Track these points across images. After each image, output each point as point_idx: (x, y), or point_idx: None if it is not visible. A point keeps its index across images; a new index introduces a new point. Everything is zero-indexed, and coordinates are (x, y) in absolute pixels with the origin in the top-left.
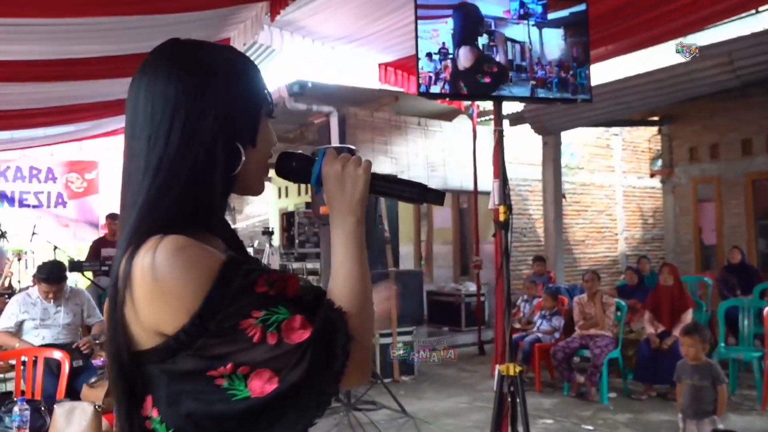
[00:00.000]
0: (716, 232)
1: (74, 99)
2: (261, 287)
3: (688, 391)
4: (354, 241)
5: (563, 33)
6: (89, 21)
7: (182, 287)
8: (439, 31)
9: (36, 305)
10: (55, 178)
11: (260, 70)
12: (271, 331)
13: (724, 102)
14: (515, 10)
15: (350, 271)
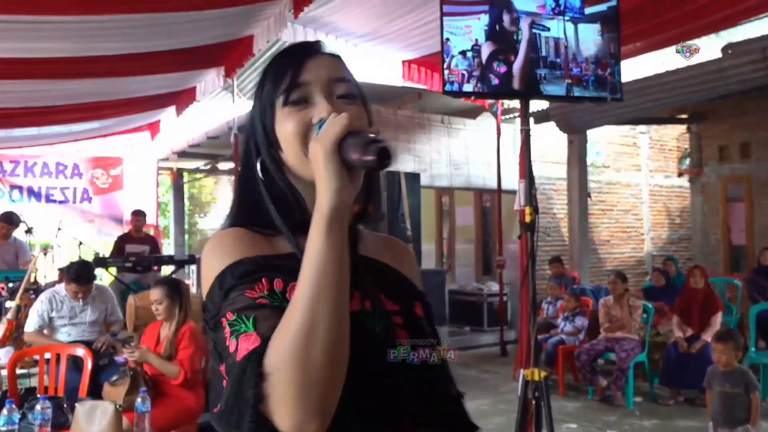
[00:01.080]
0: (746, 233)
1: (100, 96)
2: (251, 292)
3: (719, 399)
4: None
5: (600, 28)
6: (115, 18)
7: (204, 271)
8: (472, 27)
9: (64, 303)
10: (81, 174)
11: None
12: (232, 338)
13: (756, 100)
14: (550, 5)
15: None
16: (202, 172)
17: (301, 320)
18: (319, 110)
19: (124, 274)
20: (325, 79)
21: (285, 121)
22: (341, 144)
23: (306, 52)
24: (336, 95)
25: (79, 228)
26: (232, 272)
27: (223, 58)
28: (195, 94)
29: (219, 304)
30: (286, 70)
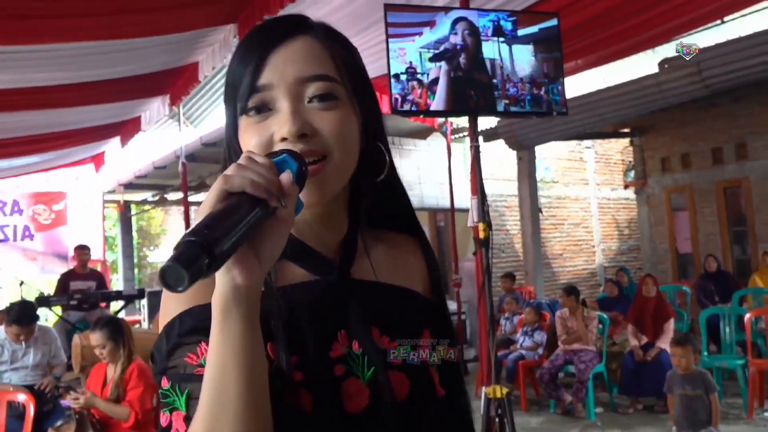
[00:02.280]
0: (691, 241)
1: (40, 128)
2: (191, 356)
3: (680, 402)
4: (211, 346)
5: (533, 49)
6: (53, 48)
7: (161, 307)
8: (405, 49)
9: (4, 347)
10: (21, 211)
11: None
12: (164, 411)
13: (693, 112)
14: (484, 27)
15: (201, 397)
16: (150, 203)
17: (201, 428)
18: (281, 120)
19: (69, 312)
20: (292, 78)
21: (245, 135)
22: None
23: (275, 37)
24: (307, 98)
25: (21, 267)
26: (180, 324)
27: (168, 85)
28: (140, 124)
29: (163, 360)
30: (245, 68)
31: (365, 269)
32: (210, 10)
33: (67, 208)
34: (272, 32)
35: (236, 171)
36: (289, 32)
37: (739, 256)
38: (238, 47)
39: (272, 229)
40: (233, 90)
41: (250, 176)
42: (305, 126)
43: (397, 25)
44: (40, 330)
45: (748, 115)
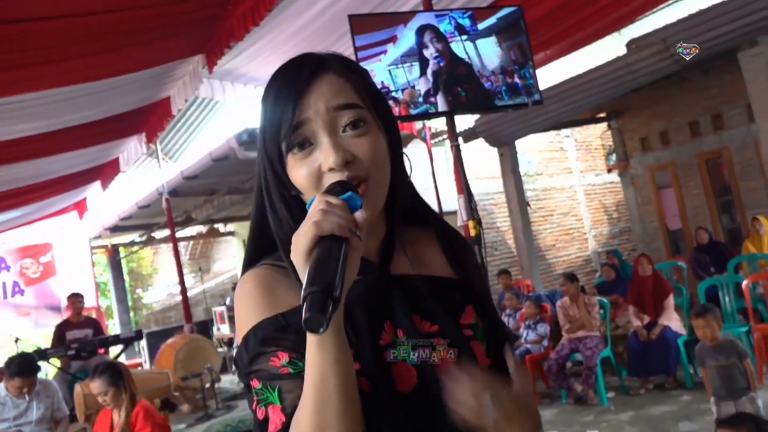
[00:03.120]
0: (680, 216)
1: (19, 182)
2: (274, 360)
3: (716, 374)
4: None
5: (496, 40)
6: (22, 98)
7: (236, 321)
8: (374, 71)
9: (6, 404)
10: (9, 267)
11: (277, 94)
12: (260, 407)
13: (666, 89)
14: (446, 30)
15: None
16: (138, 244)
17: (311, 425)
18: (324, 153)
19: (69, 363)
20: (324, 110)
21: (295, 170)
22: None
23: (305, 77)
24: (341, 127)
25: (14, 324)
26: (255, 335)
27: (142, 123)
28: (119, 165)
29: (247, 367)
30: (283, 109)
31: (403, 265)
32: (176, 43)
33: (54, 259)
34: (298, 75)
35: (323, 217)
36: (313, 72)
37: (728, 225)
38: (267, 93)
39: (351, 260)
40: (275, 130)
41: (336, 221)
42: (346, 155)
43: (365, 48)
44: (41, 383)
45: (719, 86)
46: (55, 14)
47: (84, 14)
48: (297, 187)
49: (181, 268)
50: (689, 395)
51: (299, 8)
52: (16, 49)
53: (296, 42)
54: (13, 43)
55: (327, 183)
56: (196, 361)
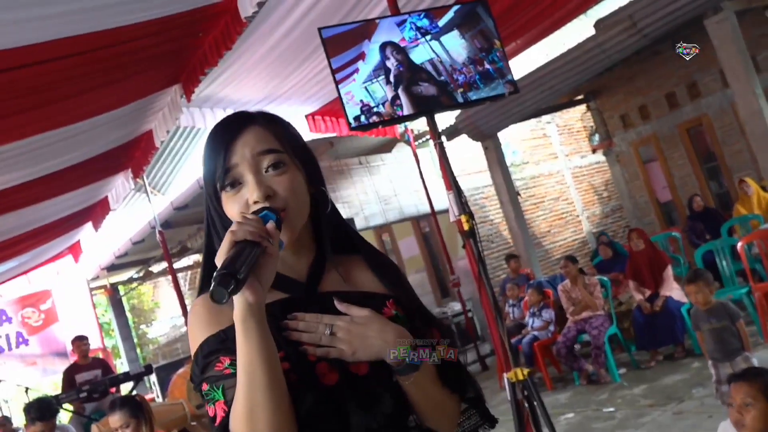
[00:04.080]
0: (669, 187)
1: (9, 233)
2: (218, 365)
3: (710, 337)
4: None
5: (458, 33)
6: (4, 149)
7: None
8: (351, 92)
9: None
10: (10, 319)
11: (210, 146)
12: (209, 406)
13: (639, 64)
14: (410, 36)
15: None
16: (136, 280)
17: (243, 404)
18: (250, 189)
19: (83, 406)
20: (249, 156)
21: (228, 205)
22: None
23: (233, 131)
24: (264, 168)
25: (22, 374)
26: (201, 350)
27: (127, 159)
28: (108, 204)
29: (198, 377)
30: (217, 156)
31: (336, 283)
32: (152, 76)
33: (55, 305)
34: (228, 129)
35: (238, 227)
36: (241, 126)
37: (717, 190)
38: (206, 145)
39: (266, 262)
40: (212, 174)
41: (248, 228)
42: (268, 190)
43: (341, 69)
44: (58, 429)
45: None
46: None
47: (54, 59)
48: (232, 219)
49: (182, 299)
50: (699, 362)
51: (269, 27)
52: None
53: (270, 61)
54: None
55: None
56: None
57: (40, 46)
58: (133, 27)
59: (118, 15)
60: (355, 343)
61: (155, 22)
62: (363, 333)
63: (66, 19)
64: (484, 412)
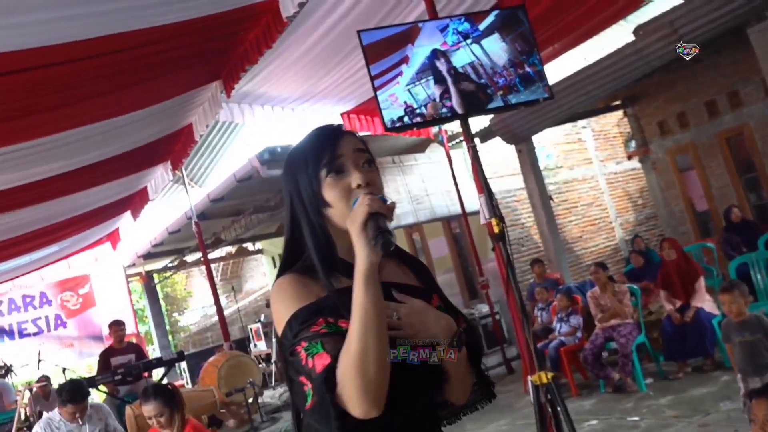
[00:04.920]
0: (706, 197)
1: (53, 218)
2: (315, 327)
3: (741, 349)
4: (356, 300)
5: (499, 36)
6: (53, 139)
7: (275, 314)
8: (395, 94)
9: (60, 428)
10: (50, 301)
11: (318, 138)
12: (309, 359)
13: (679, 71)
14: (452, 41)
15: (350, 331)
16: (171, 269)
17: (357, 346)
18: (354, 178)
19: (117, 388)
20: (352, 151)
21: (331, 188)
22: (365, 223)
23: (337, 133)
24: (361, 164)
25: (60, 355)
26: (296, 319)
27: (167, 151)
28: (147, 194)
29: (292, 341)
30: (326, 148)
31: (385, 275)
32: (194, 72)
33: (93, 290)
34: (332, 131)
35: (371, 201)
36: (341, 131)
37: (755, 202)
38: (309, 139)
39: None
40: (317, 161)
41: (378, 205)
42: (368, 178)
43: (380, 75)
44: (92, 407)
45: (732, 63)
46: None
47: (101, 54)
48: (329, 201)
49: (215, 289)
50: (728, 375)
51: (309, 27)
52: (36, 94)
53: (308, 60)
54: (33, 90)
55: (353, 197)
56: (238, 377)
57: (89, 42)
58: (177, 25)
59: (164, 14)
60: (417, 327)
61: (199, 21)
62: (423, 319)
63: (113, 17)
64: (488, 389)
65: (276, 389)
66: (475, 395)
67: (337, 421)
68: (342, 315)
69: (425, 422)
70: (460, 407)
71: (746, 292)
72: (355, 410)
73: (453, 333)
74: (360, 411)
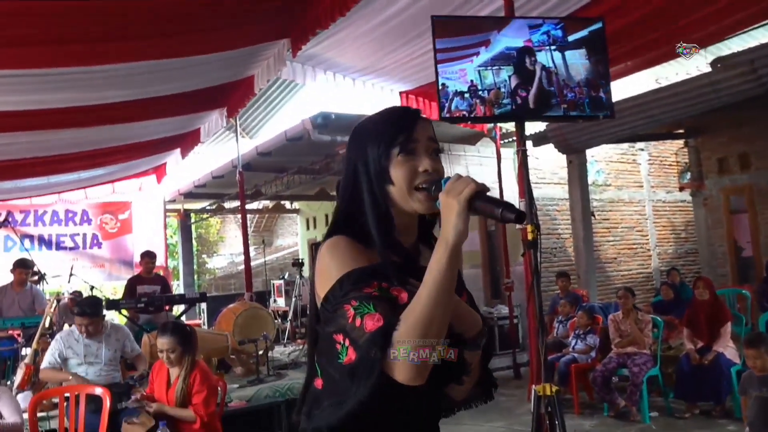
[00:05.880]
0: (752, 243)
1: (106, 142)
2: (367, 289)
3: (756, 404)
4: (436, 268)
5: (586, 53)
6: (118, 67)
7: (323, 269)
8: (466, 70)
9: (79, 342)
10: (90, 220)
11: (397, 116)
12: (357, 318)
13: (750, 111)
14: (538, 40)
15: (419, 296)
16: (208, 212)
17: (425, 311)
18: (423, 163)
19: (138, 315)
20: (426, 138)
21: (400, 166)
22: (472, 198)
23: (415, 117)
24: (431, 151)
25: (90, 273)
26: (349, 278)
27: (225, 99)
28: (199, 136)
29: (340, 297)
30: (403, 127)
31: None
32: (265, 27)
33: (132, 217)
34: (410, 112)
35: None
36: (418, 114)
37: None
38: (385, 114)
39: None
40: (392, 138)
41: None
42: (435, 165)
43: (444, 51)
44: (112, 327)
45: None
46: None
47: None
48: (393, 179)
49: (246, 239)
50: (735, 426)
51: (384, 3)
52: (111, 21)
53: (377, 35)
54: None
55: (418, 180)
56: (253, 328)
57: None
58: None
59: None
60: (453, 318)
61: None
62: (458, 312)
63: None
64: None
65: (287, 347)
66: (475, 393)
67: (377, 379)
68: (394, 284)
69: (429, 413)
70: (457, 402)
71: None
72: (402, 376)
73: (479, 331)
74: (408, 375)
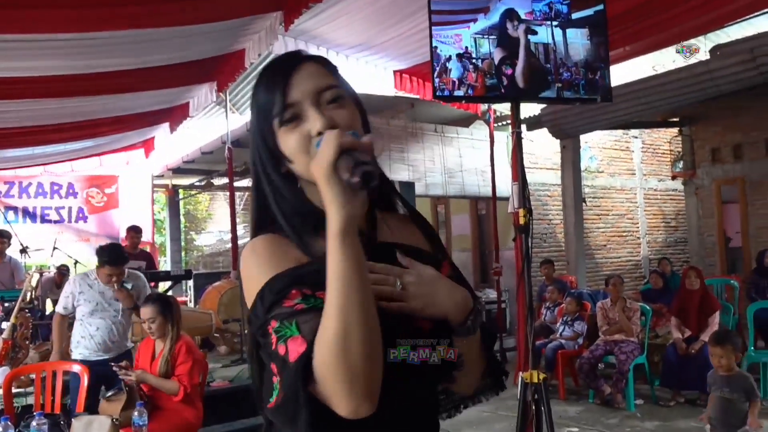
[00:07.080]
0: (741, 234)
1: (94, 114)
2: (287, 302)
3: (718, 403)
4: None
5: (588, 33)
6: (107, 35)
7: (245, 282)
8: (462, 35)
9: (93, 287)
10: (76, 194)
11: (267, 79)
12: (280, 343)
13: (746, 101)
14: (539, 11)
15: (325, 307)
16: (197, 188)
17: (337, 326)
18: (312, 122)
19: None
20: (311, 91)
21: (286, 139)
22: (336, 163)
23: (289, 67)
24: (324, 102)
25: (75, 247)
26: (269, 288)
27: (215, 72)
28: (188, 110)
29: (263, 316)
30: (275, 91)
31: (385, 235)
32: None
33: (118, 192)
34: (285, 65)
35: (339, 137)
36: (297, 62)
37: None
38: (259, 82)
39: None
40: (268, 110)
41: (350, 140)
42: (330, 120)
43: (441, 13)
44: (131, 276)
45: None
46: None
47: None
48: (288, 155)
49: (235, 217)
50: None
51: None
52: None
53: (373, 10)
54: None
55: (315, 146)
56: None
57: None
58: None
59: None
60: (426, 300)
61: None
62: (433, 291)
63: None
64: (498, 378)
65: None
66: (484, 385)
67: (312, 418)
68: (324, 285)
69: (421, 415)
70: (464, 398)
71: (738, 347)
72: (341, 408)
73: (468, 311)
74: (347, 409)
